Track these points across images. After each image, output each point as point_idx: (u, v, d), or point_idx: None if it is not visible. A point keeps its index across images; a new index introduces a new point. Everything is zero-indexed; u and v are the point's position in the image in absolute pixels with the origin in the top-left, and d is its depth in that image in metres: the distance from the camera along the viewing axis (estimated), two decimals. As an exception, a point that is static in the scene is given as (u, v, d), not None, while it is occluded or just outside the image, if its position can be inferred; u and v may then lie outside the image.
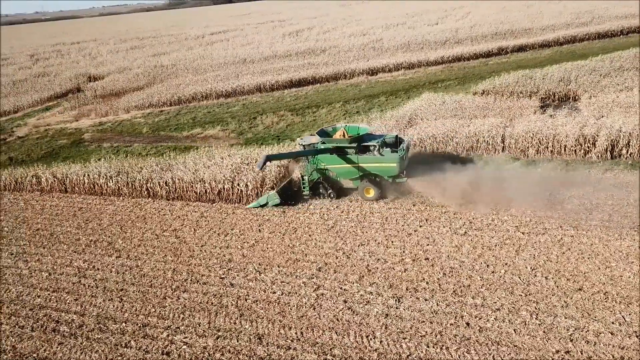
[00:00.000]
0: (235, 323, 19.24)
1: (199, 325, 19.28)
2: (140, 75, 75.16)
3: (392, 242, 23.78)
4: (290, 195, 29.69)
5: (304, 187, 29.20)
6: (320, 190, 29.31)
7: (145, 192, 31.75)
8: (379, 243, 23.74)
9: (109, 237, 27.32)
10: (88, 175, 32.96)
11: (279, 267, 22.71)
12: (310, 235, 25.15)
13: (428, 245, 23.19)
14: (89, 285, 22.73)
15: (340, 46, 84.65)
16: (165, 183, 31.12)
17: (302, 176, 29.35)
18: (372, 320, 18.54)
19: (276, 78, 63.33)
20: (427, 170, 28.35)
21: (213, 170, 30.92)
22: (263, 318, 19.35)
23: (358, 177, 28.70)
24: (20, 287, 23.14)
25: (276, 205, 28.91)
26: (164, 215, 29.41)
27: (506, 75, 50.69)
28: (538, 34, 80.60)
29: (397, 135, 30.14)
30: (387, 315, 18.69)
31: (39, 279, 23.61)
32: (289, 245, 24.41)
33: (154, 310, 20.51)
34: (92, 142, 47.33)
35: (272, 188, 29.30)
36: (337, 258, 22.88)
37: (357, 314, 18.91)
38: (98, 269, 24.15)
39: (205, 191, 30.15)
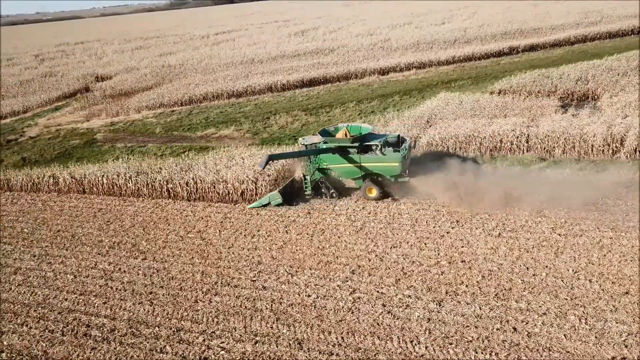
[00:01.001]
0: (272, 327, 18.71)
1: (235, 330, 18.75)
2: (148, 75, 74.67)
3: (425, 244, 23.25)
4: (292, 195, 29.50)
5: (306, 187, 29.09)
6: (323, 190, 29.10)
7: (166, 193, 31.12)
8: (411, 245, 23.22)
9: (133, 238, 26.77)
10: (107, 175, 32.20)
11: (310, 269, 22.18)
12: (339, 237, 24.63)
13: (463, 247, 22.67)
14: (116, 288, 22.18)
15: (349, 46, 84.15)
16: (186, 184, 30.56)
17: (304, 176, 29.16)
18: (414, 324, 18.03)
19: (287, 78, 62.80)
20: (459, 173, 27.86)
21: (235, 171, 30.37)
22: (300, 322, 18.82)
23: (360, 176, 28.53)
24: (46, 290, 22.61)
25: (278, 205, 28.72)
26: (187, 216, 28.89)
27: (522, 74, 50.24)
28: (548, 34, 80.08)
29: (399, 135, 30.01)
30: (429, 319, 18.17)
31: (65, 282, 23.09)
32: (318, 247, 23.87)
33: (186, 314, 19.98)
34: (105, 142, 46.82)
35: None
36: (369, 261, 22.35)
37: (397, 318, 18.40)
38: (124, 271, 23.59)
39: (228, 192, 29.56)
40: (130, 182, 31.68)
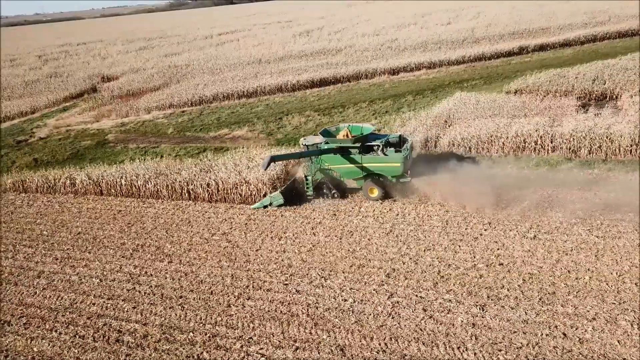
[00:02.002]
0: (311, 333, 18.16)
1: (273, 336, 18.22)
2: (155, 75, 74.17)
3: (459, 246, 22.71)
4: (294, 195, 29.33)
5: (307, 188, 28.91)
6: (324, 191, 28.96)
7: (186, 195, 30.51)
8: (445, 248, 22.69)
9: (156, 241, 26.24)
10: (125, 177, 31.61)
11: (343, 273, 21.64)
12: (369, 240, 24.10)
13: (498, 249, 22.15)
14: (145, 293, 21.64)
15: (356, 46, 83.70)
16: (208, 185, 29.93)
17: (305, 176, 29.00)
18: (458, 330, 17.47)
19: (297, 78, 62.31)
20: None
21: (257, 172, 29.81)
22: (340, 328, 18.28)
23: (362, 177, 28.42)
24: (72, 294, 22.07)
25: (280, 206, 28.53)
26: (209, 218, 28.35)
27: (538, 74, 49.71)
28: (557, 33, 79.67)
29: (400, 135, 29.80)
30: (473, 324, 17.62)
31: (91, 286, 22.54)
32: (349, 250, 23.33)
33: (220, 319, 19.44)
34: (117, 143, 46.27)
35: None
36: (404, 264, 21.82)
37: (440, 323, 17.86)
38: (151, 274, 23.05)
39: (251, 193, 28.98)
40: (150, 184, 30.95)
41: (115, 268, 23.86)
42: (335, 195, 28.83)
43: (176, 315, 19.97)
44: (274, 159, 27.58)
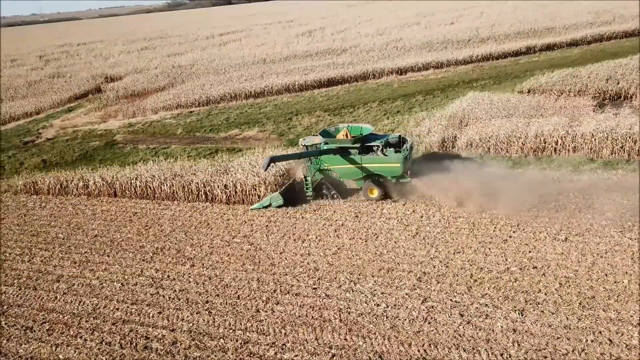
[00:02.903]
0: (346, 339, 17.64)
1: (307, 342, 17.68)
2: (159, 75, 73.60)
3: (489, 249, 22.21)
4: (293, 196, 29.08)
5: (307, 188, 28.80)
6: (324, 191, 28.89)
7: (203, 196, 29.93)
8: (475, 251, 22.19)
9: (176, 244, 25.69)
10: (140, 178, 31.03)
11: (373, 276, 21.13)
12: (395, 242, 23.58)
13: (530, 252, 21.66)
14: (169, 297, 21.08)
15: (360, 46, 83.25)
16: (225, 186, 29.36)
17: (305, 177, 28.86)
18: (499, 336, 16.96)
19: (304, 78, 61.78)
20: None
21: (275, 173, 29.27)
22: (375, 333, 17.75)
23: (361, 177, 28.29)
24: (94, 298, 21.49)
25: (279, 207, 28.26)
26: (228, 220, 27.81)
27: (550, 73, 49.35)
28: (563, 33, 79.34)
29: (400, 135, 29.57)
30: (514, 330, 17.12)
31: (113, 290, 21.97)
32: (376, 253, 22.82)
33: (250, 324, 18.91)
34: (126, 143, 45.70)
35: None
36: (434, 267, 21.32)
37: (479, 329, 17.34)
38: (174, 278, 22.49)
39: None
40: (166, 185, 30.37)
41: (136, 272, 23.26)
42: (335, 196, 28.69)
43: (204, 320, 19.40)
44: (273, 159, 27.33)
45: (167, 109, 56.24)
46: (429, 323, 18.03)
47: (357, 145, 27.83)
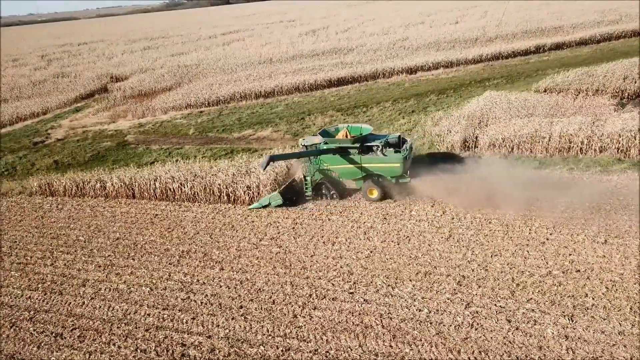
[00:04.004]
0: (391, 346, 17.05)
1: (350, 349, 17.09)
2: (165, 75, 72.98)
3: (528, 252, 21.67)
4: (292, 196, 28.95)
5: (306, 188, 28.79)
6: (323, 191, 28.79)
7: (225, 197, 29.29)
8: (513, 253, 21.63)
9: (201, 247, 25.08)
10: (160, 179, 30.39)
11: (410, 280, 20.54)
12: (429, 245, 23.01)
13: (570, 255, 21.12)
14: (201, 302, 20.47)
15: (367, 45, 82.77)
16: (248, 187, 28.76)
17: (304, 177, 28.71)
18: (551, 342, 16.41)
19: (314, 77, 61.15)
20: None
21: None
22: (421, 340, 17.19)
23: (361, 177, 28.28)
24: (124, 304, 20.87)
25: (279, 206, 28.20)
26: (253, 221, 27.24)
27: (566, 72, 48.76)
28: (571, 32, 78.90)
29: (400, 135, 29.42)
30: (566, 337, 16.58)
31: (142, 295, 21.35)
32: (410, 257, 22.24)
33: (289, 331, 18.32)
34: (138, 144, 45.04)
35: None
36: (472, 271, 20.74)
37: (530, 336, 16.80)
38: (204, 283, 21.88)
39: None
40: (186, 187, 29.73)
41: (164, 276, 22.65)
42: (334, 196, 28.60)
43: (240, 326, 18.83)
44: (273, 158, 27.23)
45: (176, 109, 55.61)
46: (476, 329, 17.45)
47: (357, 145, 27.71)
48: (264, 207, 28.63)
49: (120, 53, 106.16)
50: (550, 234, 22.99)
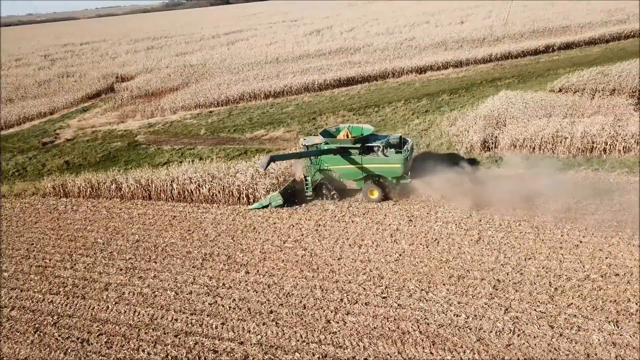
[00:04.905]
0: (432, 353, 16.53)
1: (390, 356, 16.63)
2: (172, 75, 72.46)
3: (562, 255, 21.17)
4: (292, 196, 28.78)
5: (307, 188, 28.53)
6: (324, 192, 28.68)
7: (245, 199, 28.74)
8: (547, 257, 21.14)
9: (224, 249, 24.55)
10: (177, 180, 29.83)
11: (444, 285, 19.99)
12: (459, 248, 22.50)
13: (607, 258, 20.64)
14: (230, 307, 19.96)
15: (374, 45, 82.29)
16: (267, 191, 28.21)
17: (305, 177, 28.56)
18: (598, 350, 15.93)
19: (323, 77, 60.60)
20: None
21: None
22: (462, 347, 16.67)
23: (362, 178, 28.13)
24: (150, 308, 20.34)
25: (279, 207, 27.99)
26: (274, 223, 26.70)
27: (580, 71, 48.26)
28: (579, 32, 78.50)
29: (400, 136, 29.20)
30: (613, 344, 16.06)
31: (167, 300, 20.80)
32: (441, 260, 21.73)
33: (323, 337, 17.79)
34: (149, 144, 44.48)
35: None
36: (507, 274, 20.24)
37: (575, 342, 16.30)
38: (230, 287, 21.34)
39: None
40: (204, 188, 29.18)
41: (188, 279, 22.09)
42: (335, 197, 28.36)
43: (272, 332, 18.28)
44: (273, 159, 27.01)
45: (185, 109, 55.10)
46: (518, 335, 16.93)
47: (358, 145, 27.60)
48: (264, 207, 28.35)
49: (124, 53, 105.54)
50: (583, 237, 22.51)
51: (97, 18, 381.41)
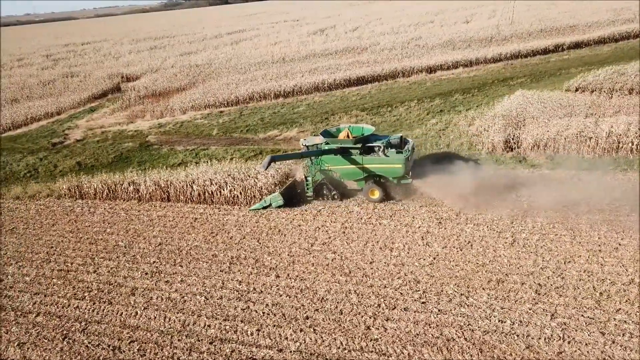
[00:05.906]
0: (480, 361, 15.77)
1: (437, 364, 15.83)
2: (178, 74, 71.75)
3: (602, 258, 20.64)
4: (293, 196, 28.74)
5: (307, 189, 28.41)
6: (324, 192, 28.49)
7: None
8: (587, 260, 20.61)
9: (251, 252, 23.93)
10: (197, 182, 29.21)
11: (484, 289, 19.40)
12: (495, 251, 21.93)
13: (650, 261, 19.87)
14: (263, 312, 19.34)
15: (381, 44, 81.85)
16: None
17: (305, 177, 28.46)
18: (654, 357, 15.17)
19: (332, 77, 60.01)
20: None
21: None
22: (511, 355, 16.14)
23: (362, 178, 27.94)
24: (180, 314, 19.75)
25: (279, 207, 27.82)
26: (299, 225, 26.14)
27: (596, 71, 47.81)
28: (587, 31, 77.99)
29: (401, 136, 28.82)
30: (670, 350, 15.34)
31: (197, 305, 20.20)
32: (477, 263, 21.15)
33: (364, 344, 17.21)
34: (161, 144, 43.85)
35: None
36: (548, 278, 19.68)
37: (630, 350, 15.78)
38: (261, 291, 20.72)
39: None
40: (225, 189, 28.56)
41: (217, 284, 21.50)
42: (335, 197, 28.04)
43: (311, 339, 17.68)
44: (274, 159, 26.72)
45: (195, 109, 54.50)
46: (569, 343, 16.37)
47: (359, 145, 27.39)
48: (265, 207, 28.09)
49: (127, 53, 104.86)
50: (622, 240, 21.98)
51: (95, 18, 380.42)
